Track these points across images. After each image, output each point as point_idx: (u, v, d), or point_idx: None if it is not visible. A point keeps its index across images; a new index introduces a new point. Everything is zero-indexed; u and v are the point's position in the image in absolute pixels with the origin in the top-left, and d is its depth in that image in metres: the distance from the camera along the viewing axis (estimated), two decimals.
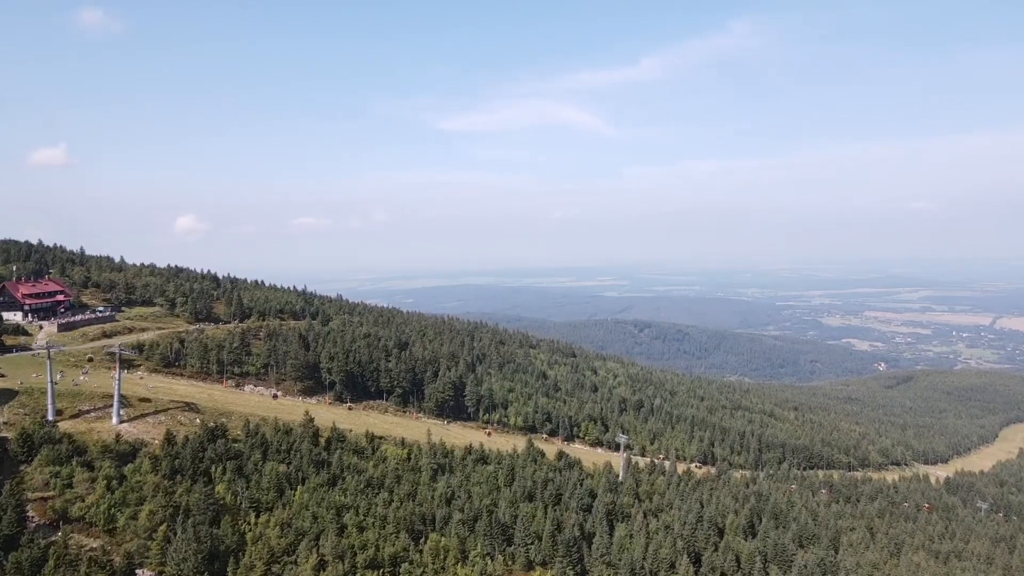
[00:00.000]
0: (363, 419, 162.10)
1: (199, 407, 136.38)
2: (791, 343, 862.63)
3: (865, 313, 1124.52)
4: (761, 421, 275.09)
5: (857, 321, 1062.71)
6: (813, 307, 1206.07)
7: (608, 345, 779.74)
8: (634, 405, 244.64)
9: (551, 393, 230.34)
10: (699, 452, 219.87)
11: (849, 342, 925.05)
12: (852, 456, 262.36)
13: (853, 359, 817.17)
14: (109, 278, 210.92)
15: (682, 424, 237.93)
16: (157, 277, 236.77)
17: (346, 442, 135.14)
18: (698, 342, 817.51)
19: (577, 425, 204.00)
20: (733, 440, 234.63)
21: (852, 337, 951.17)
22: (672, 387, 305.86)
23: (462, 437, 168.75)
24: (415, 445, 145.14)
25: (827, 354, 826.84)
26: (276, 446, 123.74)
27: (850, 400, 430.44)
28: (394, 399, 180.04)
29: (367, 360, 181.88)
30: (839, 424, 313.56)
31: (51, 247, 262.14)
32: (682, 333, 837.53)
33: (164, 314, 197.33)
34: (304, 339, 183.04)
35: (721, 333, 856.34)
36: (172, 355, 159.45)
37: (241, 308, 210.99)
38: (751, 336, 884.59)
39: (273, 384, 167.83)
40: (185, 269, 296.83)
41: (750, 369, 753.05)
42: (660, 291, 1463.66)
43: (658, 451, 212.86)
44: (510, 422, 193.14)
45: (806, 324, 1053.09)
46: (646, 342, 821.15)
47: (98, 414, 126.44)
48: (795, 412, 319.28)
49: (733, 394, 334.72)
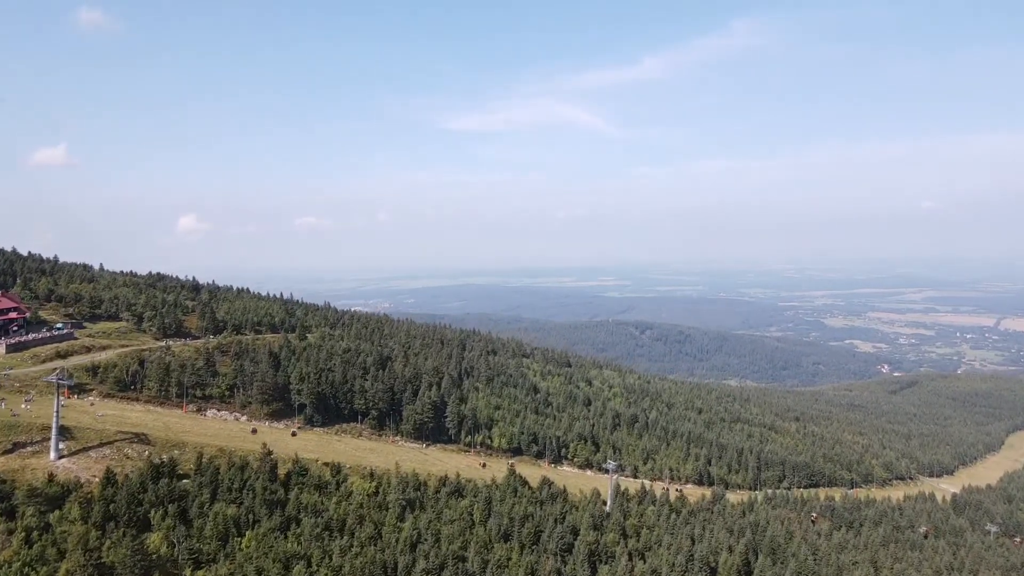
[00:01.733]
0: (333, 446, 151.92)
1: (150, 438, 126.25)
2: (793, 345, 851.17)
3: (868, 314, 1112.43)
4: (761, 435, 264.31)
5: (860, 322, 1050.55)
6: (816, 308, 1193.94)
7: (609, 347, 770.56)
8: (628, 420, 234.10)
9: (541, 409, 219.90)
10: (695, 471, 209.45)
11: (852, 343, 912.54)
12: (855, 472, 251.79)
13: (856, 361, 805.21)
14: (75, 290, 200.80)
15: (678, 441, 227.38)
16: (130, 288, 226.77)
17: (307, 476, 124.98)
18: (700, 344, 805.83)
19: (566, 446, 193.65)
20: (731, 458, 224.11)
21: (855, 338, 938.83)
22: (669, 398, 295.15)
23: (440, 463, 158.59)
24: (386, 476, 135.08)
25: (830, 356, 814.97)
26: (227, 484, 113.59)
27: (853, 407, 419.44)
28: (369, 422, 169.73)
29: (341, 380, 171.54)
30: (842, 436, 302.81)
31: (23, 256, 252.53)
32: (684, 335, 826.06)
33: (130, 330, 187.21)
34: (275, 357, 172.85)
35: (723, 335, 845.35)
36: (128, 378, 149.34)
37: (214, 322, 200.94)
38: (753, 337, 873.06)
39: (238, 408, 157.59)
40: (166, 277, 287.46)
41: (752, 371, 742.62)
42: (662, 291, 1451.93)
43: (652, 472, 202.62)
44: (494, 444, 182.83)
45: (809, 325, 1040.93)
46: (647, 344, 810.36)
47: (36, 448, 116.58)
48: (797, 423, 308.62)
49: (733, 404, 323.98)
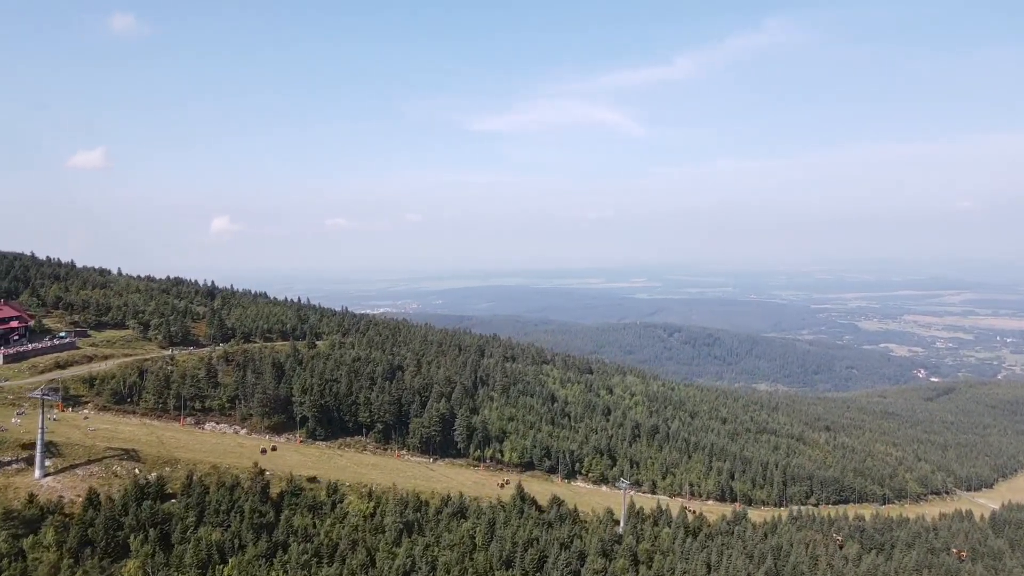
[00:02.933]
0: (335, 461, 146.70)
1: (140, 454, 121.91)
2: (826, 348, 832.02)
3: (904, 317, 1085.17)
4: (788, 447, 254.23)
5: (896, 325, 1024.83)
6: (849, 310, 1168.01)
7: (637, 350, 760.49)
8: (648, 431, 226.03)
9: (558, 419, 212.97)
10: (717, 487, 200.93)
11: (887, 347, 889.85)
12: (887, 487, 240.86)
13: (891, 365, 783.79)
14: (84, 297, 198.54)
15: (700, 454, 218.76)
16: (142, 294, 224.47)
17: (301, 496, 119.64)
18: (729, 347, 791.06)
19: (580, 460, 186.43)
20: (755, 472, 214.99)
21: (890, 342, 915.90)
22: (693, 406, 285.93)
23: (447, 479, 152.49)
24: (386, 495, 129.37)
25: (864, 360, 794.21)
26: (215, 506, 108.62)
27: (887, 415, 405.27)
28: (375, 435, 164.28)
29: (346, 392, 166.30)
30: (874, 448, 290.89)
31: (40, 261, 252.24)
32: (713, 337, 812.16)
33: (135, 338, 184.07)
34: (279, 367, 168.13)
35: (753, 337, 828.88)
36: (126, 390, 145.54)
37: (222, 330, 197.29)
38: (784, 341, 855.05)
39: (238, 421, 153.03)
40: (183, 281, 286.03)
41: (783, 375, 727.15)
42: (692, 293, 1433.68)
43: (671, 487, 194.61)
44: (505, 458, 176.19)
45: (842, 328, 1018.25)
46: (676, 347, 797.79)
47: (20, 466, 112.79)
48: (826, 434, 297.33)
49: (760, 413, 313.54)
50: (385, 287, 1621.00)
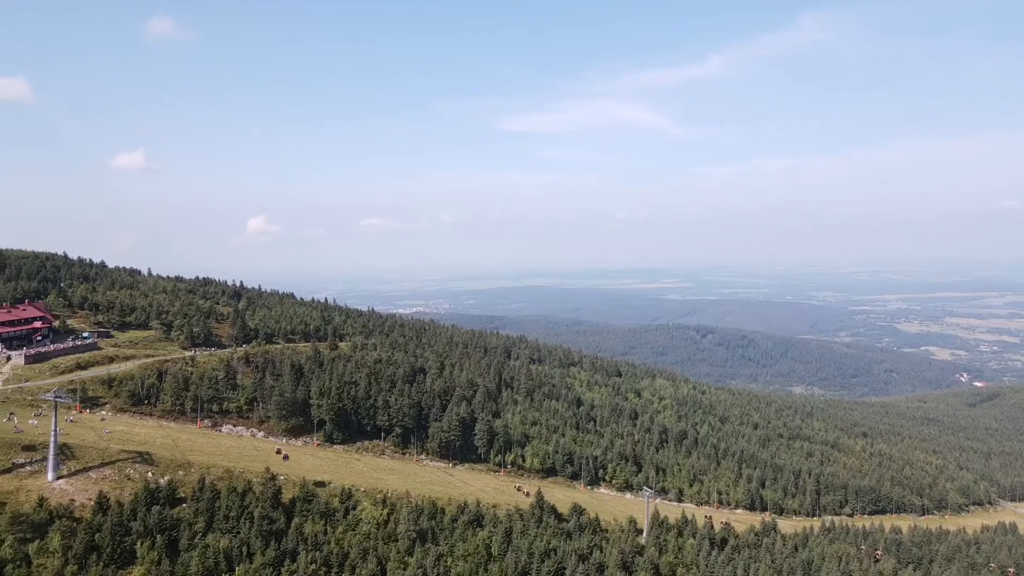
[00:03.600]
0: (352, 465, 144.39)
1: (154, 457, 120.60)
2: (864, 351, 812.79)
3: (946, 319, 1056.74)
4: (822, 455, 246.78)
5: (937, 328, 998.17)
6: (889, 312, 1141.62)
7: (669, 351, 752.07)
8: (676, 436, 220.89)
9: (583, 424, 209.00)
10: (746, 495, 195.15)
11: (928, 350, 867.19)
12: (927, 497, 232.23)
13: (932, 369, 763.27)
14: (109, 298, 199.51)
15: (729, 460, 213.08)
16: (168, 295, 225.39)
17: (314, 502, 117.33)
18: (763, 349, 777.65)
19: (603, 466, 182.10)
20: (787, 480, 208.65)
21: (931, 345, 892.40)
22: (723, 411, 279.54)
23: (466, 485, 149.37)
24: (401, 502, 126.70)
25: (904, 363, 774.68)
26: (224, 511, 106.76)
27: (928, 421, 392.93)
28: (393, 439, 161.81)
29: (364, 395, 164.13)
30: (913, 456, 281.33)
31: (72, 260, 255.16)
32: (747, 339, 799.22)
33: (158, 339, 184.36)
34: (298, 369, 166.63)
35: (788, 340, 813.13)
36: (143, 391, 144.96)
37: (244, 330, 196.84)
38: (821, 343, 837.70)
39: (255, 423, 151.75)
40: (212, 281, 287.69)
41: (819, 379, 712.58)
42: (726, 294, 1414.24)
43: (698, 495, 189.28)
44: (526, 463, 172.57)
45: (881, 330, 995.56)
46: (709, 348, 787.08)
47: (35, 468, 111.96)
48: (863, 440, 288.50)
49: (793, 418, 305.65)
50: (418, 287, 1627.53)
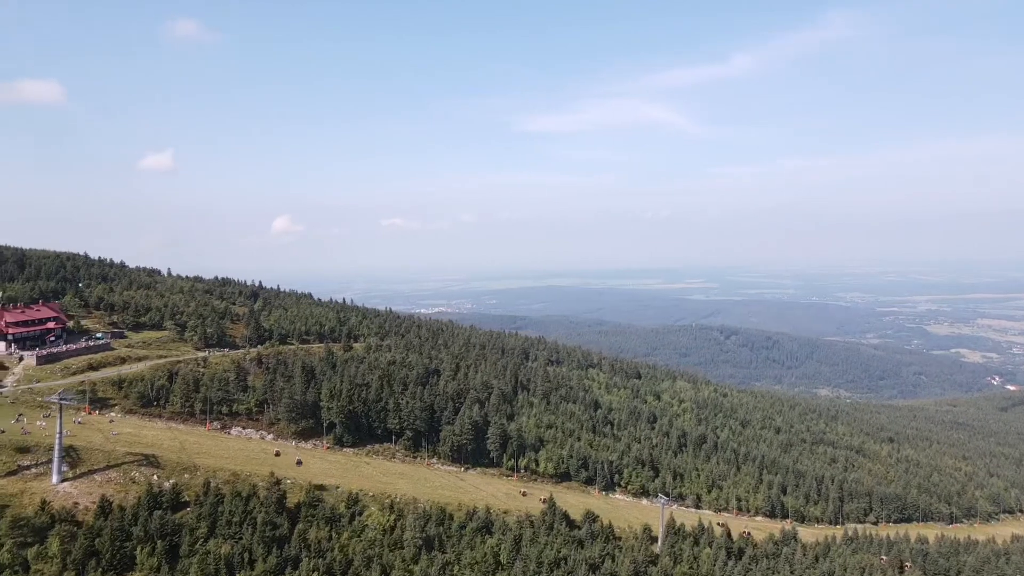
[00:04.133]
0: (361, 469, 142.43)
1: (160, 460, 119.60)
2: (892, 353, 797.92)
3: (978, 321, 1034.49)
4: (846, 460, 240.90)
5: (968, 330, 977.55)
6: (918, 313, 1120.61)
7: (692, 352, 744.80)
8: (695, 441, 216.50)
9: (599, 427, 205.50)
10: (766, 502, 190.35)
11: (958, 353, 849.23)
12: (955, 505, 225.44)
13: (963, 372, 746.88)
14: (124, 298, 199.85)
15: (749, 465, 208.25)
16: (185, 295, 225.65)
17: (319, 507, 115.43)
18: (788, 350, 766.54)
19: (619, 472, 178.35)
20: (809, 487, 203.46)
21: (962, 347, 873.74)
22: (745, 415, 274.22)
23: (477, 490, 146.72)
24: (409, 507, 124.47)
25: (933, 366, 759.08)
26: (227, 516, 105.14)
27: (957, 426, 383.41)
28: (404, 442, 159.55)
29: (375, 397, 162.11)
30: (941, 462, 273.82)
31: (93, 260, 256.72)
32: (771, 340, 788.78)
33: (172, 339, 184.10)
34: (310, 371, 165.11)
35: (814, 341, 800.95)
36: (153, 392, 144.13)
37: (258, 331, 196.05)
38: (848, 345, 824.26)
39: (265, 426, 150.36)
40: (231, 281, 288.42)
41: (845, 381, 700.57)
42: (751, 295, 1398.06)
43: (717, 502, 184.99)
44: (540, 468, 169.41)
45: (910, 332, 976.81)
46: (732, 349, 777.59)
47: (40, 470, 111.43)
48: (889, 446, 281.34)
49: (817, 422, 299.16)
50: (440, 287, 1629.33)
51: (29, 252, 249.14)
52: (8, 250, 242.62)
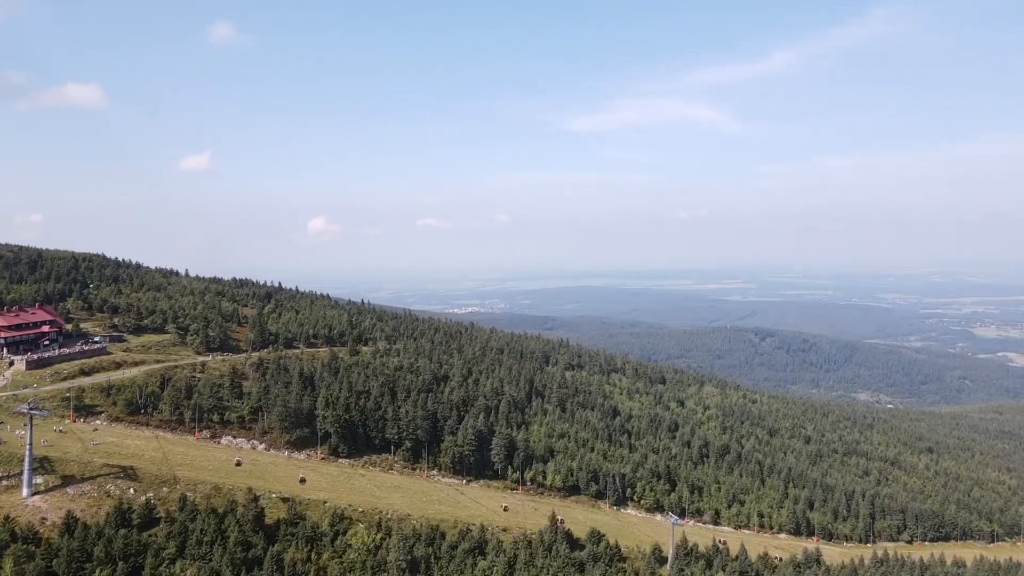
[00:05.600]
0: (353, 482, 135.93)
1: (138, 472, 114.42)
2: (936, 356, 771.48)
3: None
4: (879, 473, 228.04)
5: (1016, 332, 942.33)
6: (963, 316, 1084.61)
7: (726, 354, 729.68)
8: (718, 451, 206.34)
9: (616, 436, 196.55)
10: (791, 519, 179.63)
11: (1005, 356, 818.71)
12: (997, 523, 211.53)
13: (1010, 377, 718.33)
14: (128, 300, 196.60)
15: (774, 479, 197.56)
16: (195, 297, 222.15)
17: (300, 525, 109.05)
18: (826, 353, 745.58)
19: (632, 485, 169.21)
20: (838, 502, 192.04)
21: (1009, 351, 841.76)
22: (773, 423, 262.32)
23: (476, 505, 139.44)
24: (403, 524, 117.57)
25: (978, 370, 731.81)
26: (198, 535, 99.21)
27: (1002, 435, 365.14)
28: (403, 453, 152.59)
29: (374, 406, 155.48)
30: (984, 475, 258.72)
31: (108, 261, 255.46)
32: (808, 343, 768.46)
33: (173, 343, 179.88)
34: (307, 377, 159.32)
35: (853, 344, 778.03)
36: (141, 399, 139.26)
37: (262, 334, 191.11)
38: (889, 348, 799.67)
39: (257, 435, 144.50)
40: (248, 283, 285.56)
41: (886, 385, 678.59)
42: (789, 296, 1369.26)
43: (737, 518, 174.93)
44: (547, 480, 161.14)
45: (955, 335, 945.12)
46: (768, 352, 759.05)
47: (12, 482, 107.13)
48: (927, 457, 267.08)
49: (851, 431, 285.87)
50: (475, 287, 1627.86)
51: (46, 253, 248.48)
52: (24, 250, 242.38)
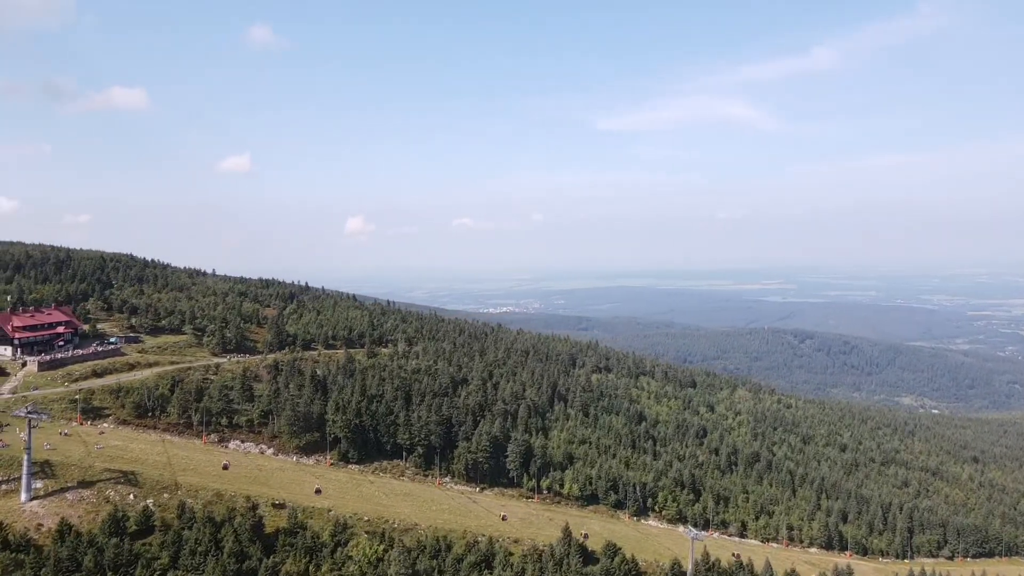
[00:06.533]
0: (362, 489, 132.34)
1: (140, 478, 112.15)
2: (984, 360, 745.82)
3: None
4: (920, 484, 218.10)
5: None
6: (1014, 318, 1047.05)
7: (764, 356, 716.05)
8: (747, 459, 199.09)
9: (640, 443, 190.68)
10: (822, 532, 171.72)
11: None
12: None
13: None
14: (147, 301, 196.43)
15: (806, 489, 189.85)
16: (217, 297, 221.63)
17: (300, 535, 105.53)
18: (868, 356, 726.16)
19: (653, 494, 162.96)
20: (873, 515, 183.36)
21: None
22: (808, 429, 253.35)
23: (489, 514, 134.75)
24: (405, 535, 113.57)
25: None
26: (191, 546, 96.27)
27: None
28: (415, 459, 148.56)
29: (386, 411, 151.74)
30: None
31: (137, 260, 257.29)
32: (849, 345, 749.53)
33: (189, 344, 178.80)
34: (321, 381, 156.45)
35: (896, 346, 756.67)
36: (150, 402, 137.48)
37: (279, 336, 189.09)
38: (934, 350, 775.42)
39: (266, 439, 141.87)
40: (274, 282, 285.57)
41: (931, 390, 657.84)
42: (831, 297, 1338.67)
43: (765, 530, 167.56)
44: (565, 489, 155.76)
45: (1004, 338, 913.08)
46: (807, 354, 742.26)
47: (11, 486, 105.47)
48: (972, 467, 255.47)
49: (891, 438, 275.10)
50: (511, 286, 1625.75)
51: (75, 253, 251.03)
52: (54, 250, 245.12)
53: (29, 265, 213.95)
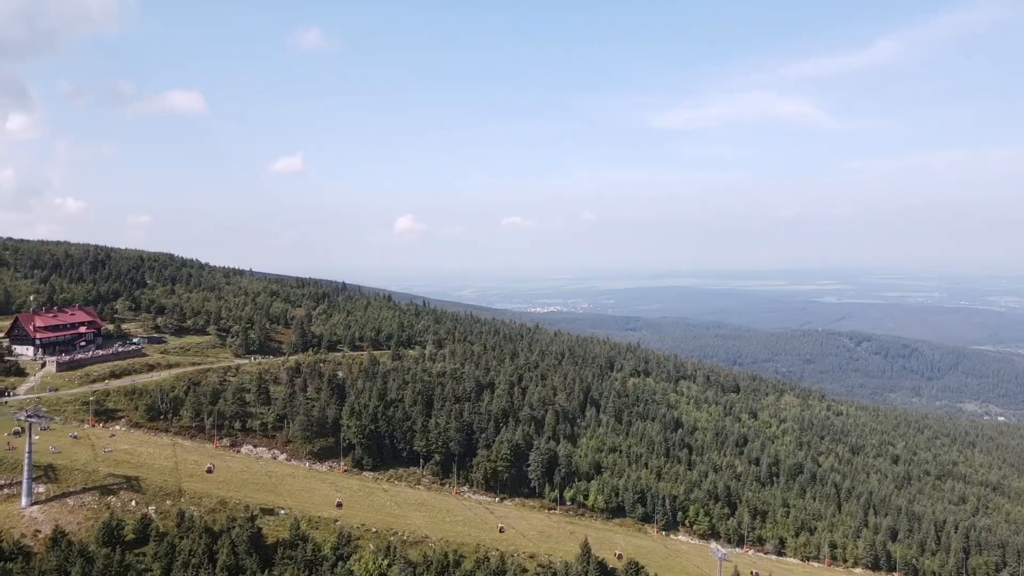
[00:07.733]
0: (373, 497, 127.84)
1: (144, 483, 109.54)
2: None
3: None
4: (978, 500, 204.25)
5: None
6: None
7: (817, 359, 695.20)
8: (789, 470, 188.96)
9: (674, 451, 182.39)
10: (868, 551, 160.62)
11: None
12: None
13: None
14: (174, 301, 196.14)
15: (853, 504, 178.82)
16: (248, 297, 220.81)
17: (301, 547, 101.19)
18: (929, 359, 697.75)
19: (684, 508, 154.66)
20: (926, 533, 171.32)
21: None
22: (858, 438, 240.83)
23: (506, 527, 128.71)
24: (413, 548, 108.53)
25: None
26: (185, 557, 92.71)
27: None
28: (432, 467, 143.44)
29: (403, 416, 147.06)
30: None
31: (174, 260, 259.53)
32: (908, 348, 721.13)
33: (212, 345, 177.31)
34: (339, 384, 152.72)
35: (960, 350, 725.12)
36: (163, 404, 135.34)
37: (304, 337, 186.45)
38: (1000, 355, 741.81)
39: (279, 444, 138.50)
40: (309, 282, 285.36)
41: (997, 395, 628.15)
42: (890, 298, 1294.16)
43: (805, 548, 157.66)
44: (589, 501, 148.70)
45: None
46: (863, 357, 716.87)
47: (14, 490, 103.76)
48: None
49: (949, 449, 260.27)
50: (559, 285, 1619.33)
51: (115, 252, 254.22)
52: (94, 250, 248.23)
53: (67, 265, 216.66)
